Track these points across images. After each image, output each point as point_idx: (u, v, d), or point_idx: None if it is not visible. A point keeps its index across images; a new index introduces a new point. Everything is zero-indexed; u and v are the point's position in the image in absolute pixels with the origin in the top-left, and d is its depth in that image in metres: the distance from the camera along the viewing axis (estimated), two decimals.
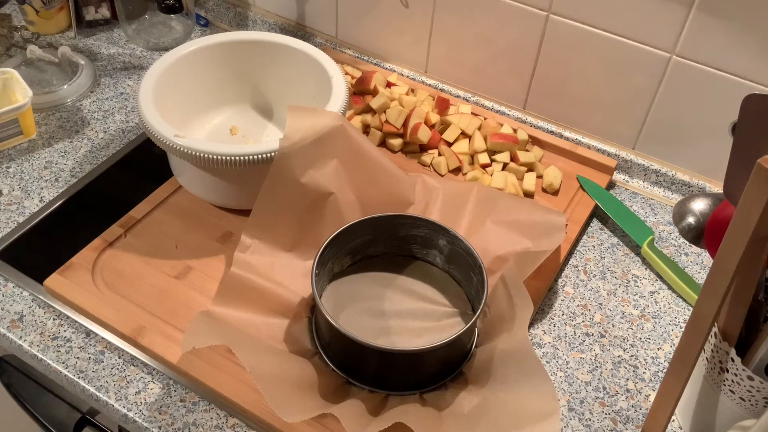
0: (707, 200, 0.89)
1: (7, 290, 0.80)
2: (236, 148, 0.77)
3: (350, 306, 0.76)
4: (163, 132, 0.78)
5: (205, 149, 0.76)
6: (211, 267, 0.81)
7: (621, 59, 0.92)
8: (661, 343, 0.80)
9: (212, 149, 0.76)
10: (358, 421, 0.64)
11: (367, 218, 0.77)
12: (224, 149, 0.77)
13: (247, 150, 0.77)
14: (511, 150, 0.96)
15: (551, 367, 0.77)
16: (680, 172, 0.96)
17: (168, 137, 0.77)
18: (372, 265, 0.81)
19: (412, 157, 0.97)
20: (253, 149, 0.77)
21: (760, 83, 0.85)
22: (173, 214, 0.86)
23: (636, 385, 0.76)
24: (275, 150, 0.77)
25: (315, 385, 0.68)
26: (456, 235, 0.75)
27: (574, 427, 0.72)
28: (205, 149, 0.76)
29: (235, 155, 0.77)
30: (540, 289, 0.81)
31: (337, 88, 0.85)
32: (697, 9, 0.84)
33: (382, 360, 0.70)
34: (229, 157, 0.76)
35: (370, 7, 1.08)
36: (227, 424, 0.70)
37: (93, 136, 0.99)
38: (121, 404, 0.71)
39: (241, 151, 0.77)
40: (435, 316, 0.76)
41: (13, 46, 1.11)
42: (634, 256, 0.89)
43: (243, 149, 0.77)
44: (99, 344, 0.76)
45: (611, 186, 0.99)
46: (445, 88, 1.08)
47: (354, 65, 1.09)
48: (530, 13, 0.95)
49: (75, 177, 0.93)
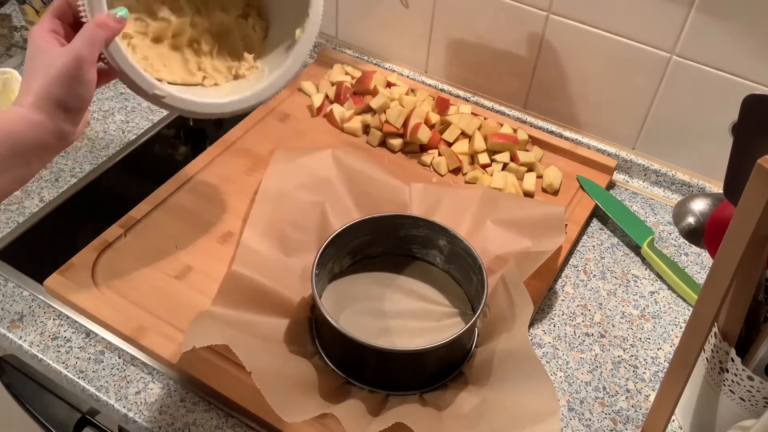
0: (707, 200, 0.89)
1: (7, 290, 0.80)
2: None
3: (350, 306, 0.76)
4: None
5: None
6: (211, 267, 0.81)
7: (621, 59, 0.92)
8: (661, 343, 0.80)
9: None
10: (358, 422, 0.64)
11: (367, 218, 0.77)
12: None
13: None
14: (511, 150, 0.96)
15: (551, 367, 0.77)
16: (680, 172, 0.96)
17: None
18: (372, 265, 0.81)
19: (412, 157, 0.97)
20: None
21: (760, 83, 0.85)
22: (173, 214, 0.86)
23: (636, 385, 0.76)
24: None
25: (315, 385, 0.68)
26: (456, 235, 0.75)
27: (574, 427, 0.72)
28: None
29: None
30: (540, 289, 0.81)
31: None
32: (697, 9, 0.84)
33: (382, 360, 0.70)
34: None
35: (370, 7, 1.07)
36: (227, 424, 0.70)
37: (93, 136, 0.99)
38: (121, 404, 0.71)
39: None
40: (435, 316, 0.76)
41: (13, 46, 1.11)
42: (634, 256, 0.89)
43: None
44: (99, 344, 0.76)
45: (611, 186, 0.99)
46: (445, 88, 1.08)
47: (354, 65, 1.09)
48: (530, 13, 0.95)
49: (75, 177, 0.93)
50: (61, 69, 0.58)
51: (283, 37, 0.78)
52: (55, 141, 0.59)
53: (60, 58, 0.58)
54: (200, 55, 0.77)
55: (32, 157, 0.59)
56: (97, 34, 0.60)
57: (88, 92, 0.60)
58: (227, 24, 0.78)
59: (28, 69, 0.59)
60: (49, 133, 0.58)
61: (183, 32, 0.76)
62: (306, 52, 0.75)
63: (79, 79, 0.59)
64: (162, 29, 0.75)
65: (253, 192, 0.89)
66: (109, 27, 0.61)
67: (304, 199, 0.83)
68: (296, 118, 1.02)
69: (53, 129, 0.58)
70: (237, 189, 0.90)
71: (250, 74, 0.78)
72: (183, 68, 0.76)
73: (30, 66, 0.59)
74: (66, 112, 0.59)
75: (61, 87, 0.58)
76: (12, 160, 0.57)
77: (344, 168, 0.87)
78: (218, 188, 0.90)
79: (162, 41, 0.75)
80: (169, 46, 0.76)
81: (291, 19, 0.77)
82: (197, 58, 0.77)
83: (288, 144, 0.97)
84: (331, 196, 0.84)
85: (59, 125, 0.59)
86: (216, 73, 0.77)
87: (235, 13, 0.79)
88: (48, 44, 0.59)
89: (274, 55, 0.78)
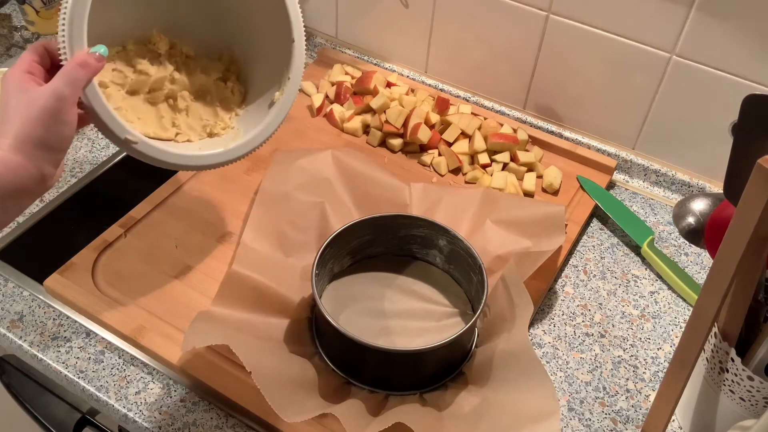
0: (707, 200, 0.89)
1: (7, 290, 0.80)
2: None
3: (350, 306, 0.76)
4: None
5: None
6: (211, 267, 0.81)
7: (621, 59, 0.92)
8: (661, 343, 0.80)
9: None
10: (358, 422, 0.64)
11: (367, 218, 0.77)
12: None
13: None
14: (511, 150, 0.96)
15: (551, 367, 0.77)
16: (680, 172, 0.96)
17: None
18: (372, 265, 0.81)
19: (412, 157, 0.97)
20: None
21: (760, 83, 0.85)
22: (173, 214, 0.86)
23: (636, 385, 0.76)
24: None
25: (315, 385, 0.68)
26: (456, 235, 0.75)
27: (574, 427, 0.72)
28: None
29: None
30: (540, 289, 0.81)
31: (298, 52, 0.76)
32: (697, 9, 0.84)
33: (382, 360, 0.70)
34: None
35: (370, 7, 1.07)
36: (227, 424, 0.70)
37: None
38: (121, 404, 0.71)
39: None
40: (435, 316, 0.76)
41: (14, 46, 1.11)
42: (634, 256, 0.89)
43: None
44: (99, 344, 0.76)
45: (611, 186, 0.99)
46: (445, 88, 1.08)
47: (354, 65, 1.09)
48: (530, 13, 0.95)
49: (75, 177, 0.93)
50: (42, 108, 0.56)
51: (260, 98, 0.78)
52: (34, 185, 0.56)
53: (41, 97, 0.56)
54: (176, 112, 0.76)
55: (8, 202, 0.56)
56: (78, 72, 0.58)
57: (69, 131, 0.58)
58: (206, 84, 0.78)
59: (2, 110, 0.57)
60: (29, 176, 0.56)
61: (161, 88, 0.75)
62: (284, 113, 0.75)
63: (61, 119, 0.56)
64: (140, 82, 0.73)
65: (253, 192, 0.89)
66: (90, 66, 0.59)
67: (304, 200, 0.83)
68: (296, 118, 1.02)
69: (34, 171, 0.56)
70: (237, 189, 0.90)
71: (225, 133, 0.77)
72: (157, 123, 0.74)
73: (5, 108, 0.56)
74: (47, 153, 0.56)
75: (42, 126, 0.55)
76: None
77: (344, 168, 0.87)
78: (218, 188, 0.90)
79: (138, 94, 0.74)
80: (145, 99, 0.75)
81: (269, 81, 0.77)
82: (173, 114, 0.76)
83: (288, 144, 0.97)
84: (331, 196, 0.84)
85: (40, 167, 0.56)
86: (190, 131, 0.76)
87: (215, 76, 0.79)
88: (26, 84, 0.57)
89: (250, 116, 0.78)
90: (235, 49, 0.81)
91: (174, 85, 0.76)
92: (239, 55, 0.81)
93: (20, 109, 0.56)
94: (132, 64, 0.74)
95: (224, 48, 0.81)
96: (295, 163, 0.87)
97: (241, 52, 0.81)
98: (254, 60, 0.80)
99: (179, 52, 0.77)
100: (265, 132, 0.74)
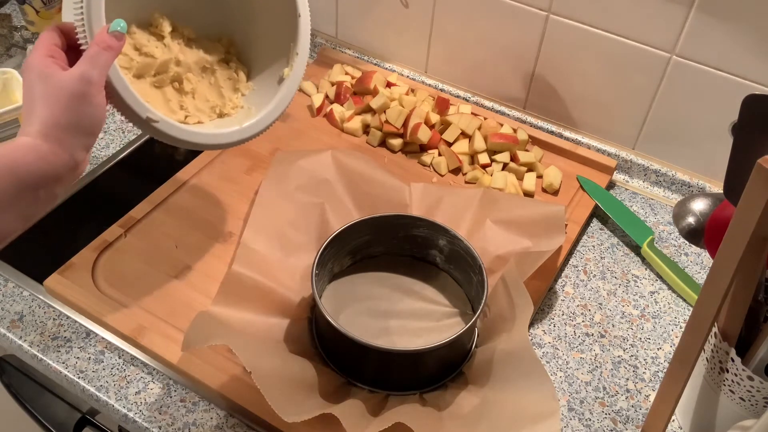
0: (707, 200, 0.89)
1: (7, 290, 0.80)
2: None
3: (350, 306, 0.76)
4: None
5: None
6: (211, 267, 0.81)
7: (621, 59, 0.92)
8: (661, 343, 0.80)
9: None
10: (358, 422, 0.64)
11: (367, 218, 0.77)
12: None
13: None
14: (511, 150, 0.96)
15: (551, 367, 0.77)
16: (680, 172, 0.96)
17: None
18: (372, 265, 0.81)
19: (412, 157, 0.97)
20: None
21: (760, 83, 0.85)
22: (173, 214, 0.86)
23: (636, 385, 0.76)
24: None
25: (315, 385, 0.68)
26: (456, 235, 0.75)
27: (574, 427, 0.72)
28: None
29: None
30: (540, 289, 0.81)
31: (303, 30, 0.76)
32: (697, 9, 0.84)
33: (382, 360, 0.70)
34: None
35: (370, 7, 1.07)
36: (227, 424, 0.70)
37: None
38: (121, 404, 0.71)
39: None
40: (435, 316, 0.76)
41: (14, 46, 1.11)
42: (634, 256, 0.89)
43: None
44: (99, 344, 0.76)
45: (611, 186, 0.99)
46: (445, 88, 1.08)
47: (354, 65, 1.09)
48: (530, 13, 0.95)
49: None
50: (71, 93, 0.55)
51: (265, 76, 0.78)
52: (67, 171, 0.55)
53: (69, 82, 0.55)
54: (182, 95, 0.76)
55: (41, 192, 0.54)
56: (104, 55, 0.57)
57: (101, 114, 0.57)
58: (210, 65, 0.78)
59: (27, 98, 0.55)
60: (62, 163, 0.55)
61: (166, 71, 0.75)
62: (295, 88, 0.75)
63: (91, 102, 0.56)
64: (146, 65, 0.73)
65: (253, 192, 0.89)
66: (114, 48, 0.58)
67: (304, 200, 0.83)
68: (296, 118, 1.02)
69: (66, 158, 0.55)
70: (237, 189, 0.90)
71: (235, 113, 0.77)
72: (165, 106, 0.74)
73: (30, 95, 0.55)
74: (79, 138, 0.56)
75: (72, 112, 0.55)
76: (17, 195, 0.53)
77: (344, 168, 0.87)
78: (218, 188, 0.90)
79: (144, 78, 0.74)
80: (151, 83, 0.74)
81: (273, 58, 0.77)
82: (179, 97, 0.76)
83: (288, 144, 0.97)
84: (331, 196, 0.84)
85: (72, 152, 0.55)
86: (199, 113, 0.76)
87: (218, 57, 0.79)
88: (50, 69, 0.56)
89: (257, 95, 0.78)
90: (235, 30, 0.81)
91: (179, 67, 0.76)
92: (239, 37, 0.81)
93: (47, 96, 0.55)
94: (137, 47, 0.74)
95: (224, 30, 0.81)
96: (295, 163, 0.87)
97: (241, 33, 0.81)
98: (255, 39, 0.80)
99: (180, 34, 0.77)
100: (279, 107, 0.74)
